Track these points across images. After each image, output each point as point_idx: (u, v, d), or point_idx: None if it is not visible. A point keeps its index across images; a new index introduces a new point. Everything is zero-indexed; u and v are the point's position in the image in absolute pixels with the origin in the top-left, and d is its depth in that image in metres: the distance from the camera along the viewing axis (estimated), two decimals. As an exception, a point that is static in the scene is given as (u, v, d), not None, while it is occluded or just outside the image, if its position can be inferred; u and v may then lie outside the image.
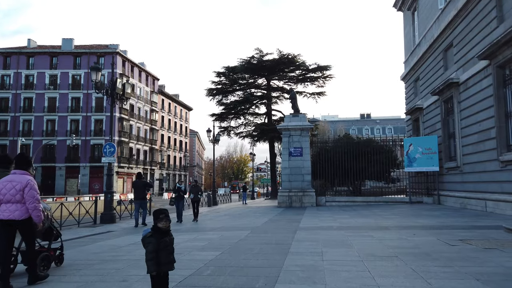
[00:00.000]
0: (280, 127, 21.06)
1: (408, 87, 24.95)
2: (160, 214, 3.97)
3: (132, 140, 55.14)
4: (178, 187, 13.12)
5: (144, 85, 59.79)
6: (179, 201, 12.94)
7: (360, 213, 14.31)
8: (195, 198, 13.57)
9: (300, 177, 20.44)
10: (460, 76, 15.88)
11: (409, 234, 7.86)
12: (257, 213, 16.20)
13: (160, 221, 3.93)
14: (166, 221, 3.97)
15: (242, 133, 41.55)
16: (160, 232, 3.91)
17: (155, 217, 3.95)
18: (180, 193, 13.00)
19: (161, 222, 3.93)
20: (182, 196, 13.08)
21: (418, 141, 19.50)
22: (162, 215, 3.96)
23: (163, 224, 3.93)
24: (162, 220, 3.94)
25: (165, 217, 3.96)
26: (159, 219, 3.93)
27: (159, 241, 3.86)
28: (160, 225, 3.92)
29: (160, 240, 3.86)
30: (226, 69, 38.12)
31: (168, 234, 4.05)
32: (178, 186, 13.13)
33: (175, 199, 12.96)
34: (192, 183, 14.69)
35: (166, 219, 3.96)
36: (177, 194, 13.05)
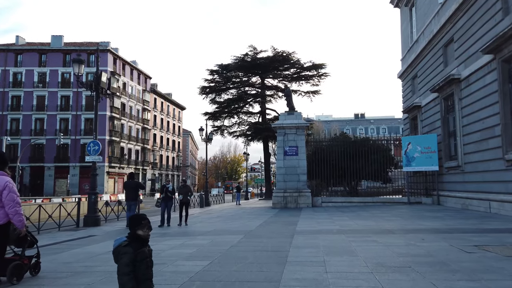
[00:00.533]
0: (274, 126, 20.36)
1: (405, 85, 24.41)
2: (142, 220, 3.29)
3: (124, 140, 54.07)
4: (166, 187, 12.20)
5: (136, 83, 58.73)
6: (166, 203, 11.99)
7: (359, 214, 13.65)
8: (184, 200, 12.44)
9: (296, 177, 19.75)
10: (461, 72, 15.31)
11: (417, 238, 7.19)
12: (251, 215, 15.48)
13: (142, 228, 3.25)
14: (148, 228, 3.30)
15: (235, 133, 40.81)
16: (138, 241, 3.22)
17: (135, 223, 3.27)
18: (167, 193, 12.04)
19: (143, 229, 3.25)
20: (170, 197, 12.12)
21: (417, 139, 18.92)
22: (144, 221, 3.29)
23: (145, 232, 3.26)
24: (145, 227, 3.26)
25: (147, 224, 3.29)
26: (141, 226, 3.25)
27: (136, 251, 3.15)
28: (141, 233, 3.24)
29: (138, 251, 3.16)
30: (219, 67, 37.35)
31: (147, 244, 3.34)
32: (165, 186, 12.24)
33: (161, 201, 12.08)
34: (181, 183, 13.50)
35: (148, 227, 3.29)
36: (164, 195, 12.10)
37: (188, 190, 12.75)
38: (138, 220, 3.28)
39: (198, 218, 14.89)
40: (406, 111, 23.12)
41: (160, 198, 12.30)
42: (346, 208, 17.39)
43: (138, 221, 3.27)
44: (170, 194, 12.08)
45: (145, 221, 3.28)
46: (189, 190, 12.89)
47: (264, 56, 35.30)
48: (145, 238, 3.26)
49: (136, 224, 3.26)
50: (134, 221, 3.30)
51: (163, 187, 12.89)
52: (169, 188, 12.14)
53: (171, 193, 12.09)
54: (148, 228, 3.27)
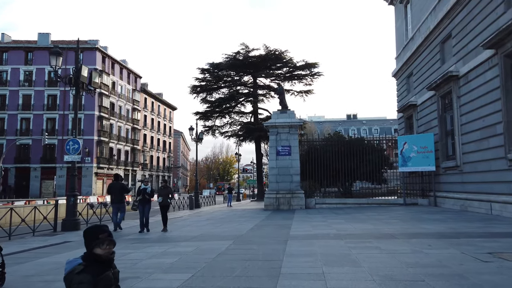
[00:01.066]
0: (267, 124, 19.67)
1: (400, 84, 23.93)
2: (99, 233, 2.50)
3: (113, 140, 52.88)
4: (143, 189, 11.07)
5: (126, 83, 57.58)
6: (144, 206, 10.88)
7: (355, 217, 13.00)
8: (163, 203, 11.11)
9: (288, 178, 19.07)
10: (460, 69, 14.80)
11: (422, 244, 6.54)
12: (242, 217, 14.74)
13: (101, 244, 2.46)
14: (110, 244, 2.50)
15: (227, 133, 40.03)
16: (98, 263, 2.42)
17: (90, 239, 2.48)
18: (145, 195, 10.95)
19: (102, 246, 2.46)
20: (148, 199, 11.00)
21: (413, 139, 18.39)
22: (103, 235, 2.49)
23: (105, 250, 2.47)
24: (104, 242, 2.47)
25: (107, 238, 2.49)
26: (98, 242, 2.46)
27: (97, 278, 2.35)
28: (100, 252, 2.45)
29: (99, 278, 2.36)
30: (210, 65, 36.54)
31: (111, 265, 2.54)
32: (142, 187, 11.26)
33: (138, 203, 11.10)
34: (161, 184, 12.18)
35: (109, 242, 2.49)
36: (141, 196, 10.99)
37: (168, 192, 11.39)
38: (94, 234, 2.48)
39: (186, 221, 14.11)
40: (401, 110, 22.61)
41: (137, 200, 11.28)
42: (341, 210, 16.76)
43: (94, 236, 2.47)
44: (148, 196, 10.98)
45: (103, 235, 2.48)
46: (170, 192, 11.50)
47: (256, 54, 34.63)
48: (106, 259, 2.46)
49: (92, 239, 2.46)
50: (89, 235, 2.50)
51: (111, 188, 11.72)
52: (147, 190, 11.05)
53: (149, 195, 10.95)
54: (109, 244, 2.49)
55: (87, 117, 49.05)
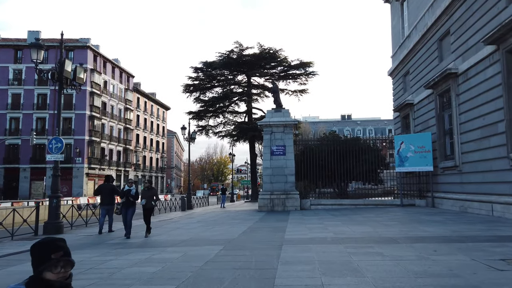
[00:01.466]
0: (261, 123, 19.15)
1: (396, 83, 23.56)
2: (52, 250, 1.87)
3: (104, 140, 52.01)
4: (126, 190, 10.19)
5: (118, 82, 56.73)
6: (127, 209, 10.04)
7: (352, 218, 12.53)
8: (147, 205, 10.21)
9: (283, 178, 18.57)
10: (458, 66, 14.41)
11: (428, 250, 6.06)
12: (235, 219, 14.20)
13: (52, 267, 1.84)
14: (66, 266, 1.87)
15: (221, 133, 39.48)
16: None
17: (39, 258, 1.86)
18: (128, 198, 10.06)
19: (54, 270, 1.84)
20: (132, 202, 10.12)
21: (410, 138, 17.99)
22: (56, 253, 1.86)
23: (58, 275, 1.84)
24: (57, 265, 1.84)
25: (62, 258, 1.87)
26: (50, 264, 1.83)
27: None
28: (51, 277, 1.83)
29: None
30: (204, 64, 35.96)
31: None
32: (126, 188, 10.48)
33: (121, 206, 10.39)
34: (145, 185, 10.91)
35: (65, 263, 1.87)
36: (124, 199, 10.11)
37: (153, 194, 10.42)
38: (45, 252, 1.86)
39: (176, 223, 13.52)
40: (397, 110, 22.23)
41: (120, 203, 10.54)
42: (337, 211, 16.29)
43: (44, 255, 1.85)
44: (132, 199, 10.15)
45: (57, 254, 1.86)
46: (154, 194, 10.49)
47: (250, 53, 34.12)
48: (60, 287, 1.84)
49: (42, 260, 1.84)
50: (38, 254, 1.87)
51: (101, 189, 11.01)
52: (132, 192, 10.21)
53: (134, 198, 10.10)
54: (65, 266, 1.87)
55: (78, 116, 48.17)
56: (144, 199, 10.23)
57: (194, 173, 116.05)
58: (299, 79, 36.92)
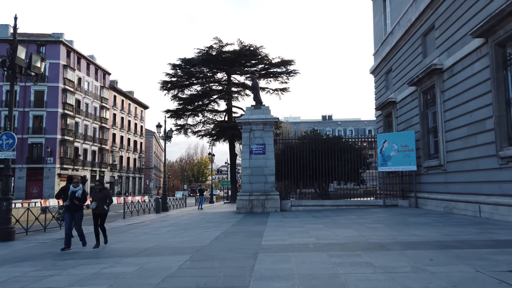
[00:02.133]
0: (240, 121, 18.23)
1: (378, 81, 23.12)
2: None
3: (78, 139, 49.87)
4: (71, 192, 8.42)
5: (93, 79, 54.60)
6: (73, 214, 8.37)
7: (335, 220, 11.78)
8: (98, 210, 8.54)
9: (263, 178, 17.71)
10: (444, 61, 13.92)
11: (422, 258, 5.29)
12: (210, 222, 13.23)
13: None
14: None
15: (200, 132, 38.28)
16: None
17: None
18: (73, 200, 8.37)
19: None
20: (79, 205, 8.42)
21: (394, 137, 17.47)
22: None
23: None
24: None
25: None
26: None
27: None
28: None
29: None
30: (182, 61, 34.71)
31: None
32: (71, 189, 8.40)
33: (64, 211, 8.56)
34: (96, 186, 9.03)
35: None
36: (68, 202, 8.39)
37: (105, 196, 8.76)
38: None
39: (145, 227, 12.42)
40: (379, 108, 21.77)
41: (63, 206, 8.86)
42: (318, 213, 15.55)
43: None
44: (78, 202, 8.50)
45: None
46: (107, 196, 8.83)
47: (230, 50, 33.15)
48: None
49: None
50: None
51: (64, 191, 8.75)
52: (78, 194, 8.46)
53: (80, 200, 8.39)
54: None
55: (50, 114, 45.95)
56: (95, 202, 8.57)
57: (174, 174, 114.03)
58: (280, 77, 36.21)
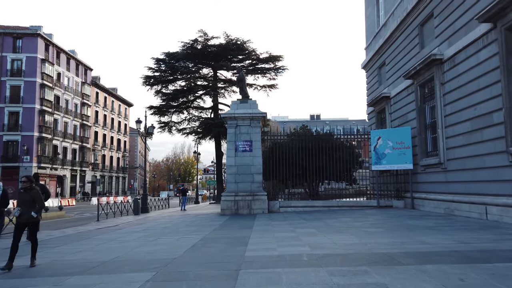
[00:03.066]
0: (225, 115, 16.95)
1: (370, 76, 22.14)
2: None
3: (57, 137, 47.71)
4: None
5: (74, 74, 52.44)
6: None
7: (328, 224, 10.62)
8: (23, 218, 6.33)
9: (249, 177, 16.47)
10: (444, 51, 12.93)
11: (451, 278, 4.15)
12: (190, 226, 11.92)
13: None
14: None
15: (185, 130, 36.76)
16: None
17: None
18: None
19: None
20: None
21: (388, 133, 16.45)
22: None
23: None
24: None
25: None
26: None
27: None
28: None
29: None
30: (166, 55, 33.19)
31: None
32: None
33: None
34: (21, 184, 6.51)
35: None
36: None
37: (33, 198, 6.36)
38: None
39: (115, 232, 11.03)
40: (371, 104, 20.77)
41: None
42: (309, 214, 14.40)
43: None
44: None
45: None
46: (36, 199, 6.38)
47: (216, 43, 31.78)
48: None
49: None
50: None
51: None
52: None
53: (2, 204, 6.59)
54: None
55: (27, 110, 43.75)
56: (18, 207, 6.39)
57: (160, 174, 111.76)
58: (268, 73, 35.02)
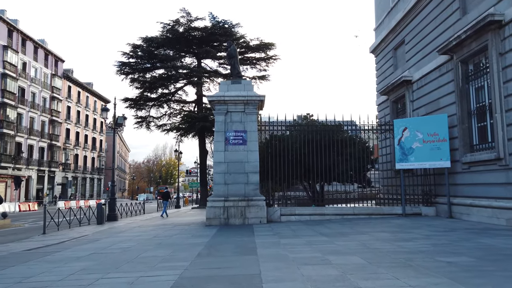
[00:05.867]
0: (212, 99, 13.35)
1: (382, 60, 18.95)
2: None
3: (22, 133, 42.85)
4: None
5: (42, 65, 47.60)
6: None
7: (366, 244, 7.23)
8: None
9: (243, 178, 12.93)
10: (505, 11, 9.77)
11: None
12: (162, 247, 8.29)
13: None
14: None
15: (165, 126, 32.92)
16: None
17: None
18: None
19: None
20: None
21: (418, 123, 13.22)
22: None
23: None
24: None
25: None
26: None
27: None
28: None
29: None
30: (144, 40, 29.29)
31: None
32: None
33: None
34: None
35: None
36: None
37: None
38: None
39: (42, 261, 7.26)
40: (384, 92, 17.58)
41: None
42: (321, 226, 10.98)
43: None
44: None
45: None
46: None
47: (201, 26, 28.11)
48: None
49: None
50: None
51: None
52: None
53: None
54: None
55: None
56: None
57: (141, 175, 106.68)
58: (259, 64, 31.62)
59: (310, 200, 16.69)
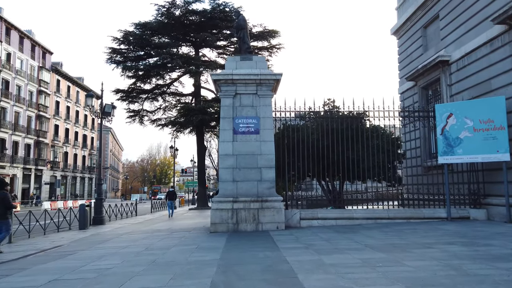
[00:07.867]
0: (217, 78, 10.98)
1: (408, 41, 16.72)
2: None
3: (6, 129, 40.08)
4: None
5: (28, 57, 44.78)
6: None
7: (454, 266, 4.93)
8: None
9: (256, 174, 10.59)
10: None
11: None
12: (158, 267, 5.96)
13: None
14: None
15: (160, 120, 30.47)
16: None
17: None
18: None
19: None
20: None
21: (466, 108, 10.98)
22: None
23: None
24: None
25: None
26: None
27: None
28: None
29: None
30: (136, 26, 26.81)
31: None
32: None
33: None
34: None
35: None
36: None
37: None
38: None
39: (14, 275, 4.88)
40: (412, 77, 15.38)
41: None
42: (356, 234, 8.70)
43: None
44: None
45: None
46: None
47: (199, 9, 25.67)
48: None
49: None
50: None
51: None
52: None
53: None
54: None
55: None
56: None
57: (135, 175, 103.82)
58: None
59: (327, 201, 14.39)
